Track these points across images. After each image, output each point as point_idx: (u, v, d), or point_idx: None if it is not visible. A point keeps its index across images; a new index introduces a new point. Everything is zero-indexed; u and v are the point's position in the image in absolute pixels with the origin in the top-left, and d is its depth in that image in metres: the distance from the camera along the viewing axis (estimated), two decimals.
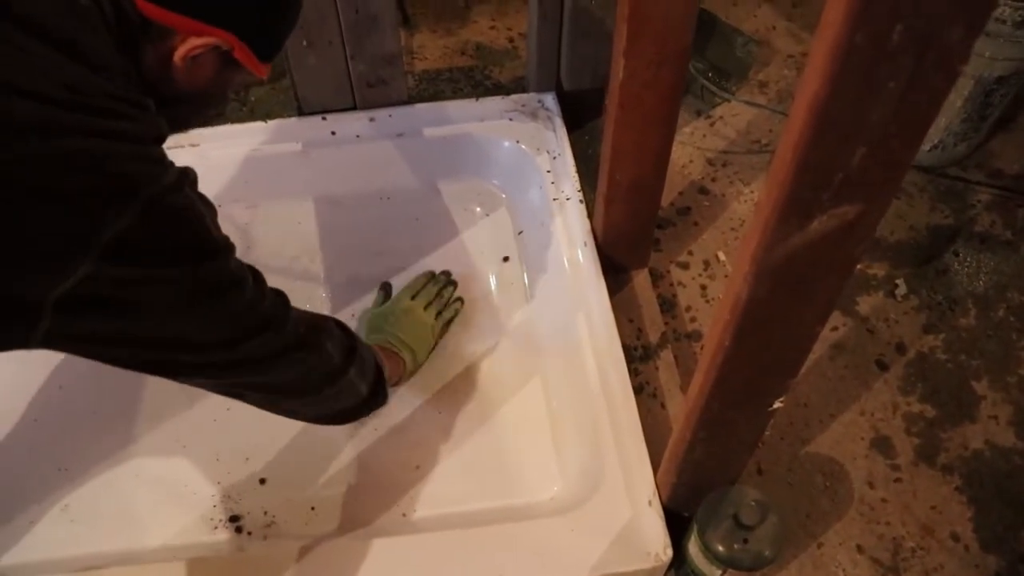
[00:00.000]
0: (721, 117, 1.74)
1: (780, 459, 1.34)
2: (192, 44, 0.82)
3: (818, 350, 1.45)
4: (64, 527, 1.23)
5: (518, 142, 1.52)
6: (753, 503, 1.02)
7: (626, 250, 1.42)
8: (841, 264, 0.75)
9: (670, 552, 1.11)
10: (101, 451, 1.30)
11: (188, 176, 0.80)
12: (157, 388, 1.36)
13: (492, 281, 1.46)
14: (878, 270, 1.55)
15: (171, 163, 0.78)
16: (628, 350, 1.36)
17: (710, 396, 0.90)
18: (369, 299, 1.44)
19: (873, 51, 0.55)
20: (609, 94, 1.17)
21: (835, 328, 1.47)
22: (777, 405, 0.94)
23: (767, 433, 1.35)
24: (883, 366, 1.44)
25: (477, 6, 1.93)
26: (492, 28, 1.88)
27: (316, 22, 1.42)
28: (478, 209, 1.55)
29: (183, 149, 1.52)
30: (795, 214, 0.68)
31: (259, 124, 1.55)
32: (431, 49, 1.82)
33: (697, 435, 0.98)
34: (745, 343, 0.82)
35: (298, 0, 0.90)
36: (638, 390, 1.32)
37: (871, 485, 1.32)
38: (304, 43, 1.44)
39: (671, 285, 1.50)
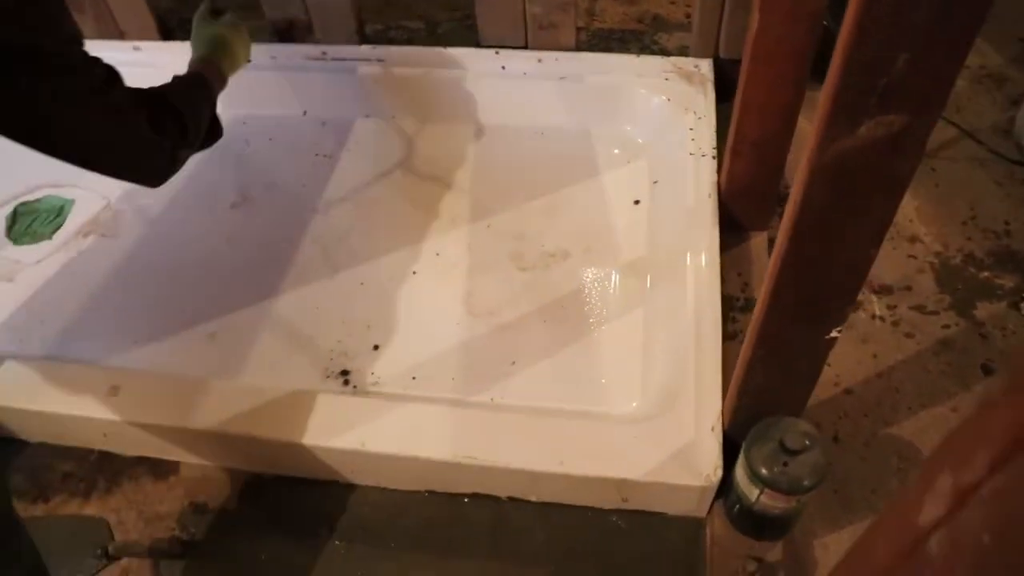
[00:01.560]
0: None
1: (859, 433, 1.38)
2: None
3: (923, 342, 1.47)
4: (207, 350, 1.44)
5: (668, 100, 1.61)
6: (801, 431, 1.08)
7: (748, 208, 1.49)
8: (890, 180, 0.81)
9: (720, 474, 1.18)
10: (251, 296, 1.51)
11: None
12: (307, 256, 1.56)
13: (619, 219, 1.56)
14: (1007, 281, 1.54)
15: None
16: (731, 299, 1.43)
17: (769, 310, 0.98)
18: (509, 217, 1.58)
19: None
20: (744, 48, 1.26)
21: (946, 326, 1.48)
22: (834, 334, 1.00)
23: (850, 405, 1.39)
24: (988, 371, 1.44)
25: None
26: (672, 3, 1.98)
27: None
28: (618, 152, 1.66)
29: (370, 63, 1.71)
30: (844, 117, 0.75)
31: (440, 49, 1.73)
32: (611, 14, 1.94)
33: (757, 353, 1.05)
34: (801, 252, 0.89)
35: None
36: (731, 336, 1.39)
37: None
38: None
39: None
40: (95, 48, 1.72)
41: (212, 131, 1.29)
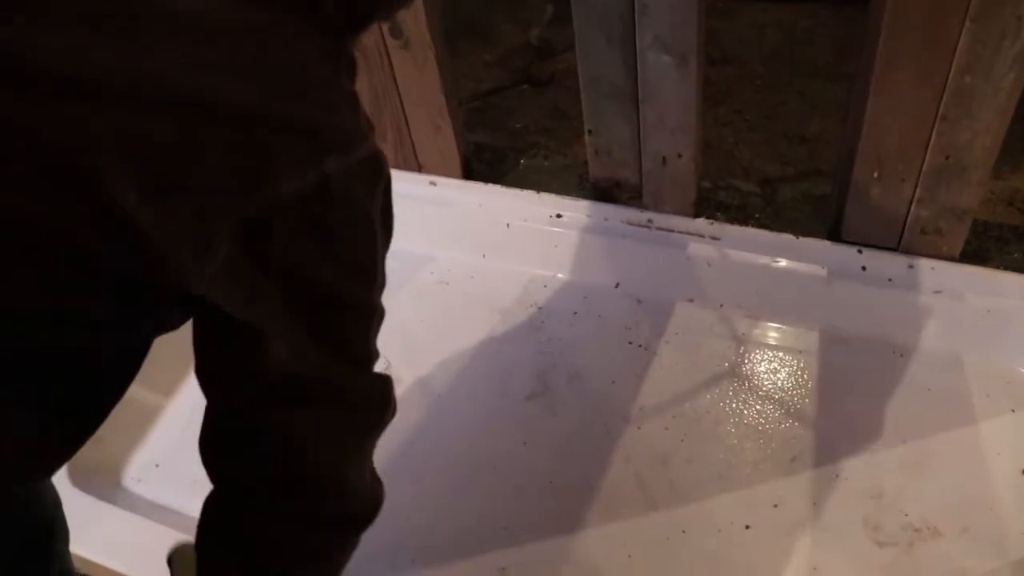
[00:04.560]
0: None
1: None
2: None
3: None
4: None
5: None
6: None
7: None
8: None
9: None
10: (550, 521, 1.29)
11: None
12: (617, 479, 1.33)
13: (1004, 491, 1.26)
14: None
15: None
16: None
17: None
18: (862, 465, 1.30)
19: None
20: None
21: None
22: None
23: None
24: None
25: None
26: None
27: (897, 158, 1.30)
28: (1000, 398, 1.35)
29: (703, 241, 1.48)
30: None
31: (787, 237, 1.47)
32: None
33: None
34: None
35: None
36: None
37: None
38: (875, 175, 1.33)
39: None
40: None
41: None
